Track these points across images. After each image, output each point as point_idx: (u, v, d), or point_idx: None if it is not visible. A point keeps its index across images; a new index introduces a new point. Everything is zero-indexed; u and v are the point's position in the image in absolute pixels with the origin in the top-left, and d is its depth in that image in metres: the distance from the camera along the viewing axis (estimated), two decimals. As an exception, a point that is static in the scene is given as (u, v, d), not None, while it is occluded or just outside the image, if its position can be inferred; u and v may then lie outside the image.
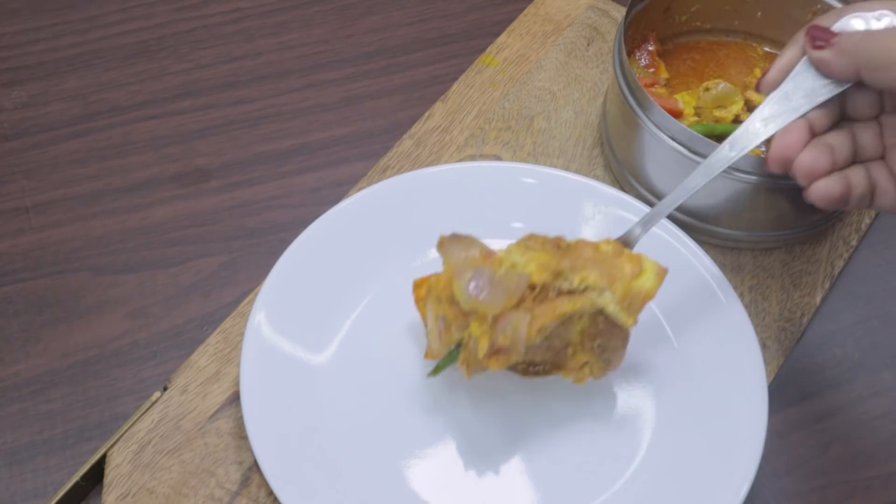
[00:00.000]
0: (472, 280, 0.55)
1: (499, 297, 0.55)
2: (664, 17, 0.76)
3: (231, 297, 0.69)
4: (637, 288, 0.57)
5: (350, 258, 0.67)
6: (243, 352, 0.61)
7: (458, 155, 0.75)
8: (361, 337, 0.65)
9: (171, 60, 0.82)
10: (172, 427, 0.62)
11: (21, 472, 0.61)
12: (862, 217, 0.73)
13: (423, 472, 0.60)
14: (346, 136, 0.78)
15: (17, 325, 0.67)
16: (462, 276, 0.56)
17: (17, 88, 0.80)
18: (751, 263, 0.70)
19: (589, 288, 0.56)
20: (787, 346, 0.67)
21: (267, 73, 0.81)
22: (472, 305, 0.55)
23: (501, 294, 0.55)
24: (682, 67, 0.77)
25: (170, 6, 0.85)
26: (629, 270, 0.57)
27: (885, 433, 0.65)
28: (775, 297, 0.69)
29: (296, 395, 0.61)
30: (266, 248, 0.71)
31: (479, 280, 0.55)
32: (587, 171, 0.74)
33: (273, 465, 0.58)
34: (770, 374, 0.65)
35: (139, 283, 0.69)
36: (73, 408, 0.64)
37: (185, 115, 0.79)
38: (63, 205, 0.73)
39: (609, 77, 0.79)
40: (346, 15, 0.86)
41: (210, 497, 0.59)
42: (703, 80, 0.74)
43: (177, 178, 0.75)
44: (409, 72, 0.82)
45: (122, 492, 0.59)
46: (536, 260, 0.56)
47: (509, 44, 0.82)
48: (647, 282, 0.57)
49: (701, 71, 0.77)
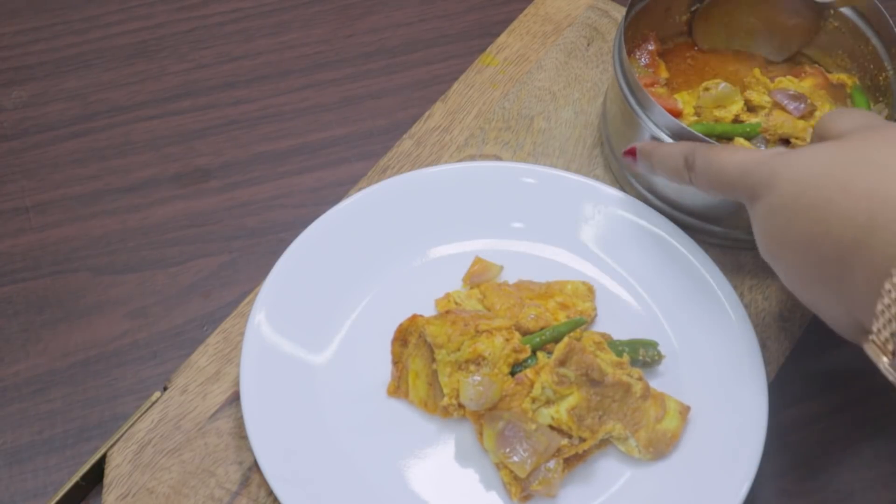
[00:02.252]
0: (505, 435, 0.58)
1: (531, 460, 0.57)
2: (664, 17, 0.76)
3: (231, 297, 0.69)
4: (661, 431, 0.60)
5: (350, 258, 0.67)
6: (243, 352, 0.61)
7: (458, 155, 0.75)
8: (361, 337, 0.64)
9: (171, 60, 0.82)
10: (172, 427, 0.62)
11: (21, 472, 0.61)
12: (862, 217, 0.73)
13: (423, 472, 0.60)
14: (346, 136, 0.78)
15: (17, 325, 0.67)
16: (493, 425, 0.58)
17: (17, 88, 0.80)
18: (751, 263, 0.70)
19: (613, 437, 0.59)
20: (787, 346, 0.67)
21: (267, 73, 0.81)
22: (503, 462, 0.58)
23: (533, 457, 0.57)
24: (682, 67, 0.77)
25: (170, 6, 0.85)
26: (654, 414, 0.60)
27: (885, 433, 0.65)
28: (775, 297, 0.69)
29: (296, 395, 0.61)
30: (266, 248, 0.71)
31: (512, 439, 0.57)
32: (587, 171, 0.74)
33: (273, 465, 0.58)
34: (770, 374, 0.65)
35: (139, 283, 0.69)
36: (73, 408, 0.64)
37: (184, 115, 0.78)
38: (63, 205, 0.73)
39: (609, 77, 0.79)
40: (346, 15, 0.86)
41: (210, 497, 0.59)
42: (703, 79, 0.74)
43: (177, 178, 0.75)
44: (408, 72, 0.82)
45: (122, 492, 0.59)
46: (568, 405, 0.58)
47: (509, 44, 0.82)
48: (671, 423, 0.60)
49: (701, 70, 0.77)
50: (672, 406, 0.60)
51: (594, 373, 0.58)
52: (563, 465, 0.58)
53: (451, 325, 0.60)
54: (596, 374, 0.58)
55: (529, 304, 0.63)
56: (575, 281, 0.66)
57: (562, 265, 0.68)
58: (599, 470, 0.60)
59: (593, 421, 0.58)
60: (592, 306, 0.65)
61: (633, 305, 0.67)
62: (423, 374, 0.61)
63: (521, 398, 0.58)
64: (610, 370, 0.59)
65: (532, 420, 0.58)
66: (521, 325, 0.62)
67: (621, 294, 0.67)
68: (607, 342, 0.62)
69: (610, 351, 0.61)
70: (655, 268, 0.67)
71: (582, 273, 0.68)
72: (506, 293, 0.64)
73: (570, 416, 0.58)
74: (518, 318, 0.62)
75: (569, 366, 0.58)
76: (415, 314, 0.62)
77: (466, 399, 0.58)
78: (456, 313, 0.61)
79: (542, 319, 0.62)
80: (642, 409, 0.59)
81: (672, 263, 0.67)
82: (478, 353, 0.59)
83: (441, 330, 0.60)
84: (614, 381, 0.59)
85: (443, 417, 0.61)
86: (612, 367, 0.59)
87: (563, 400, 0.58)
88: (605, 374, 0.59)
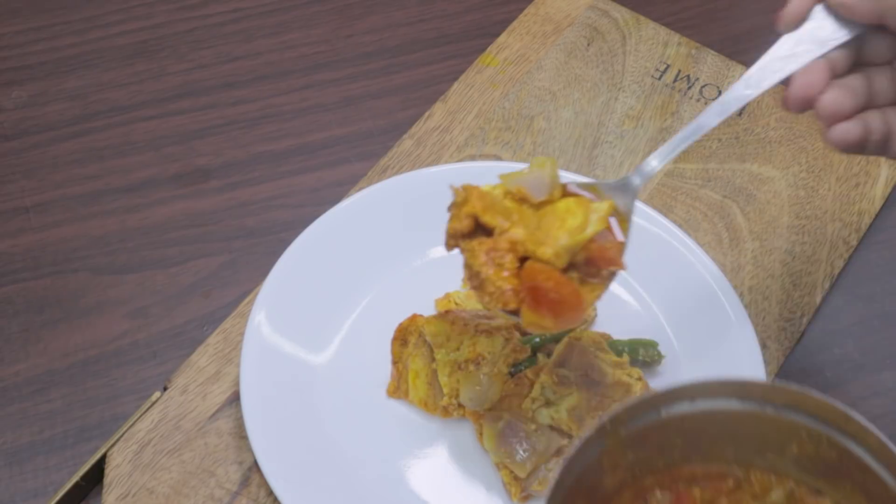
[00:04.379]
0: (505, 435, 0.57)
1: (531, 460, 0.57)
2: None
3: (231, 297, 0.69)
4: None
5: (350, 258, 0.67)
6: (243, 352, 0.61)
7: (458, 155, 0.75)
8: (361, 337, 0.64)
9: (170, 60, 0.82)
10: (172, 427, 0.62)
11: (21, 472, 0.61)
12: (862, 217, 0.73)
13: (423, 472, 0.60)
14: (346, 136, 0.77)
15: (17, 325, 0.67)
16: (493, 425, 0.57)
17: (17, 88, 0.79)
18: (751, 263, 0.70)
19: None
20: (787, 346, 0.67)
21: (267, 73, 0.81)
22: (503, 462, 0.57)
23: (533, 457, 0.57)
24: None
25: (170, 6, 0.85)
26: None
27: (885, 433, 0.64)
28: (775, 297, 0.69)
29: (296, 395, 0.61)
30: (266, 248, 0.71)
31: (512, 439, 0.57)
32: (587, 171, 0.74)
33: (273, 465, 0.58)
34: (770, 374, 0.65)
35: (139, 283, 0.69)
36: (73, 408, 0.64)
37: (184, 115, 0.78)
38: (63, 205, 0.73)
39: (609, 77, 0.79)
40: (346, 15, 0.86)
41: (210, 497, 0.59)
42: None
43: (177, 178, 0.75)
44: (408, 72, 0.82)
45: (122, 492, 0.59)
46: (568, 405, 0.58)
47: (509, 44, 0.82)
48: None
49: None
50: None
51: (594, 373, 0.58)
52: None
53: (451, 324, 0.60)
54: (596, 375, 0.58)
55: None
56: None
57: (562, 265, 0.68)
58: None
59: (594, 421, 0.58)
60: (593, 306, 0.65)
61: (633, 305, 0.67)
62: (423, 374, 0.61)
63: (521, 398, 0.58)
64: (610, 370, 0.59)
65: (532, 420, 0.58)
66: (521, 325, 0.62)
67: (621, 294, 0.67)
68: (607, 342, 0.62)
69: (610, 351, 0.61)
70: (655, 268, 0.67)
71: (582, 273, 0.68)
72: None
73: (571, 416, 0.58)
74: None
75: (568, 366, 0.58)
76: (414, 314, 0.62)
77: (466, 399, 0.58)
78: (455, 313, 0.61)
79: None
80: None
81: (672, 263, 0.67)
82: (477, 352, 0.59)
83: (440, 329, 0.60)
84: (614, 381, 0.59)
85: (443, 417, 0.61)
86: (611, 368, 0.59)
87: (563, 400, 0.58)
88: (604, 375, 0.59)
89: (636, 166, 0.59)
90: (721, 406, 0.46)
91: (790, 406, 0.46)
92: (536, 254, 0.50)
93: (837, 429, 0.45)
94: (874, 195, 0.74)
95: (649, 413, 0.46)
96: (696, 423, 0.47)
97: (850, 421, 0.44)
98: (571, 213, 0.51)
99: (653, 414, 0.46)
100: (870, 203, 0.73)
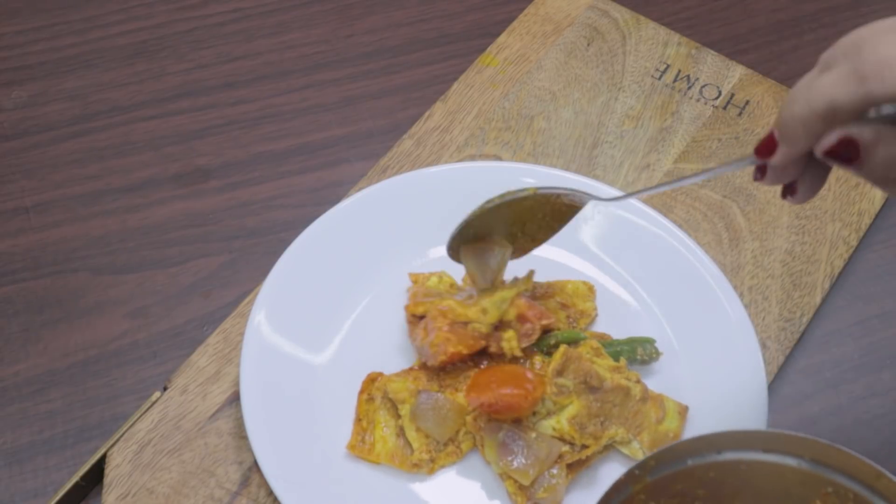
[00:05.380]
0: (505, 444, 0.57)
1: (533, 467, 0.57)
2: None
3: (231, 297, 0.69)
4: (663, 432, 0.60)
5: (350, 258, 0.67)
6: (243, 352, 0.61)
7: (458, 155, 0.75)
8: (361, 337, 0.64)
9: (170, 60, 0.82)
10: (172, 427, 0.62)
11: (21, 472, 0.61)
12: (862, 217, 0.73)
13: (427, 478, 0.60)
14: (345, 136, 0.78)
15: (17, 325, 0.67)
16: (493, 436, 0.58)
17: (17, 88, 0.79)
18: (751, 263, 0.70)
19: (616, 441, 0.59)
20: (787, 346, 0.67)
21: (267, 73, 0.81)
22: (507, 471, 0.57)
23: (535, 464, 0.57)
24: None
25: (170, 6, 0.85)
26: (654, 416, 0.59)
27: (884, 433, 0.65)
28: (775, 297, 0.69)
29: (296, 395, 0.61)
30: (266, 248, 0.71)
31: (513, 448, 0.57)
32: (587, 171, 0.74)
33: (273, 465, 0.58)
34: (770, 374, 0.65)
35: (139, 283, 0.69)
36: (73, 408, 0.64)
37: (184, 115, 0.78)
38: (63, 205, 0.73)
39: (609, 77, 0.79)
40: (346, 15, 0.86)
41: (210, 497, 0.59)
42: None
43: (177, 178, 0.75)
44: (408, 72, 0.82)
45: (122, 492, 0.59)
46: (569, 414, 0.58)
47: (509, 44, 0.82)
48: (671, 423, 0.60)
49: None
50: (671, 406, 0.60)
51: (592, 379, 0.58)
52: (567, 471, 0.58)
53: (414, 381, 0.60)
54: (594, 381, 0.58)
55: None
56: (575, 281, 0.66)
57: (562, 265, 0.68)
58: (603, 474, 0.60)
59: (595, 428, 0.58)
60: (593, 306, 0.65)
61: (632, 305, 0.67)
62: (391, 429, 0.60)
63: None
64: (608, 375, 0.59)
65: (532, 429, 0.58)
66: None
67: (621, 294, 0.67)
68: (603, 343, 0.62)
69: (607, 356, 0.61)
70: (655, 268, 0.67)
71: (582, 273, 0.68)
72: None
73: (572, 425, 0.58)
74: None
75: (567, 375, 0.58)
76: (372, 372, 0.62)
77: (425, 427, 0.59)
78: (417, 371, 0.61)
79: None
80: (643, 412, 0.59)
81: (672, 263, 0.67)
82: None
83: (403, 386, 0.60)
84: (613, 385, 0.59)
85: (413, 473, 0.60)
86: (609, 373, 0.59)
87: (563, 410, 0.58)
88: (603, 380, 0.59)
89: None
90: (746, 457, 0.46)
91: (818, 461, 0.45)
92: (468, 316, 0.59)
93: (867, 486, 0.44)
94: (874, 195, 0.74)
95: (676, 462, 0.46)
96: (719, 473, 0.47)
97: (882, 478, 0.44)
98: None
99: (679, 463, 0.46)
100: (870, 203, 0.73)
